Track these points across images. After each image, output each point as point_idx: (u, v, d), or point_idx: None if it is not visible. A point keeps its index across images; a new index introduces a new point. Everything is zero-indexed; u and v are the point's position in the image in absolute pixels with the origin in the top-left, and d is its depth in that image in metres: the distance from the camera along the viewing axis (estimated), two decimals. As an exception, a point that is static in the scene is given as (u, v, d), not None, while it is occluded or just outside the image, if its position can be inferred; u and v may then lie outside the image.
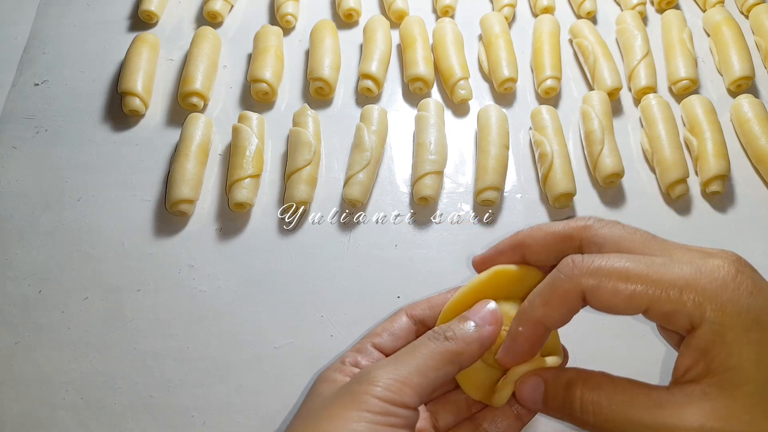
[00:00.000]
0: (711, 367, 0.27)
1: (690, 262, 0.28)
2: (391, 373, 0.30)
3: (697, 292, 0.27)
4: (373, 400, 0.29)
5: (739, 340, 0.27)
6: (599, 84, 0.66)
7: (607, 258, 0.29)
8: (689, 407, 0.27)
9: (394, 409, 0.29)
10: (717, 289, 0.27)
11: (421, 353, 0.31)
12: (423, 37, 0.68)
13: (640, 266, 0.28)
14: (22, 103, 0.66)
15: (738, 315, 0.27)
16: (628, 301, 0.28)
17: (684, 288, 0.27)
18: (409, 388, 0.30)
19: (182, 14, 0.74)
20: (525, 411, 0.36)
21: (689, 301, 0.27)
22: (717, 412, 0.27)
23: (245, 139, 0.59)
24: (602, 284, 0.29)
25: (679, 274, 0.28)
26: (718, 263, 0.28)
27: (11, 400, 0.50)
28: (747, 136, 0.63)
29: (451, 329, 0.33)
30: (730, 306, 0.27)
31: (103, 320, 0.53)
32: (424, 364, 0.31)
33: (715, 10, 0.72)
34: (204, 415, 0.50)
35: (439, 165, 0.59)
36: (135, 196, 0.60)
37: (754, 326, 0.27)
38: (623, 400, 0.29)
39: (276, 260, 0.57)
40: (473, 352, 0.32)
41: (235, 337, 0.53)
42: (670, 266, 0.28)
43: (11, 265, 0.56)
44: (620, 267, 0.29)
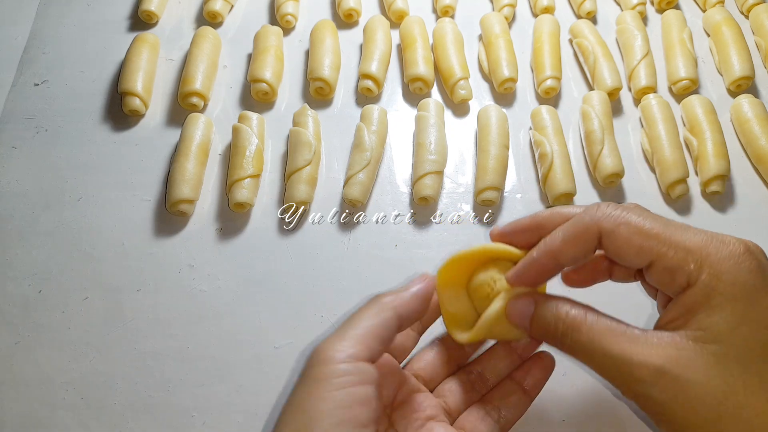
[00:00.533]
0: (689, 322, 0.29)
1: (705, 233, 0.30)
2: (332, 340, 0.33)
3: (702, 257, 0.29)
4: (322, 367, 0.31)
5: (724, 306, 0.28)
6: (599, 84, 0.66)
7: (630, 211, 0.32)
8: (656, 348, 0.29)
9: (344, 366, 0.31)
10: (721, 258, 0.29)
11: (357, 315, 0.34)
12: (423, 37, 0.68)
13: (657, 224, 0.31)
14: (22, 103, 0.66)
15: (731, 284, 0.29)
16: (637, 251, 0.31)
17: (691, 250, 0.30)
18: (348, 341, 0.32)
19: (182, 14, 0.74)
20: (533, 385, 0.39)
21: (692, 261, 0.29)
22: (679, 361, 0.28)
23: (245, 139, 0.59)
24: (619, 230, 0.31)
25: (690, 238, 0.30)
26: (732, 240, 0.30)
27: (11, 400, 0.50)
28: (747, 136, 0.63)
29: (386, 293, 0.35)
30: (727, 275, 0.29)
31: (103, 320, 0.53)
32: (359, 319, 0.33)
33: (715, 10, 0.72)
34: (204, 415, 0.50)
35: (439, 165, 0.59)
36: (135, 196, 0.60)
37: (743, 299, 0.28)
38: (600, 329, 0.31)
39: (276, 260, 0.57)
40: (405, 299, 0.35)
41: (235, 337, 0.53)
42: (684, 231, 0.30)
43: (11, 265, 0.56)
44: (639, 221, 0.31)
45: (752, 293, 0.28)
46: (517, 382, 0.39)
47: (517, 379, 0.39)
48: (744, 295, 0.28)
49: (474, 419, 0.38)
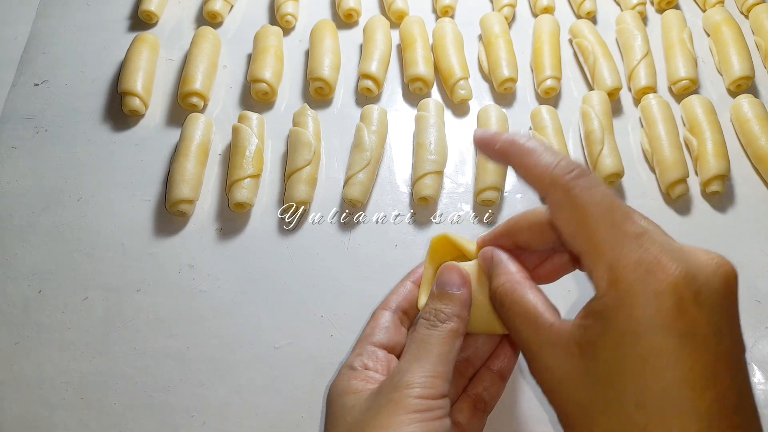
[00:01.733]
0: (587, 333, 0.29)
1: (653, 250, 0.28)
2: (419, 372, 0.33)
3: (617, 277, 0.28)
4: (415, 401, 0.32)
5: (615, 338, 0.28)
6: (599, 84, 0.66)
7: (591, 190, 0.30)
8: (553, 348, 0.30)
9: (434, 402, 0.32)
10: (636, 287, 0.27)
11: (432, 344, 0.34)
12: (423, 37, 0.68)
13: (604, 221, 0.29)
14: (22, 103, 0.66)
15: (630, 319, 0.27)
16: (568, 236, 0.30)
17: (611, 266, 0.28)
18: (439, 380, 0.33)
19: (182, 14, 0.74)
20: (505, 369, 0.41)
21: (604, 277, 0.28)
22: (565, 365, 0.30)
23: (245, 139, 0.59)
24: (563, 206, 0.30)
25: (620, 252, 0.28)
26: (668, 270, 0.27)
27: (11, 400, 0.50)
28: (747, 136, 0.63)
29: (441, 311, 0.36)
30: (631, 309, 0.27)
31: (103, 320, 0.53)
32: (439, 352, 0.34)
33: (715, 10, 0.72)
34: (204, 415, 0.50)
35: (439, 165, 0.59)
36: (135, 196, 0.60)
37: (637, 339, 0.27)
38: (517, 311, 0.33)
39: (276, 260, 0.57)
40: (466, 318, 0.36)
41: (235, 337, 0.53)
42: (624, 240, 0.28)
43: (11, 265, 0.56)
44: (589, 209, 0.29)
45: (646, 333, 0.27)
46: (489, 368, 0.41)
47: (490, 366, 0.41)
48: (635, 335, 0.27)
49: (467, 414, 0.40)
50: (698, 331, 0.27)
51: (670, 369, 0.26)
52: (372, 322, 0.40)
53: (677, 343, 0.27)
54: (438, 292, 0.36)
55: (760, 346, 0.51)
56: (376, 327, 0.39)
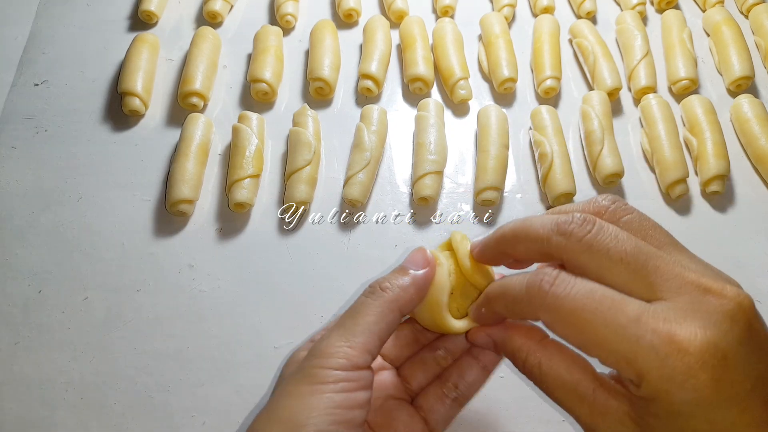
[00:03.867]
0: (636, 400, 0.28)
1: (658, 330, 0.26)
2: (336, 341, 0.31)
3: (641, 371, 0.26)
4: (323, 371, 0.30)
5: (662, 417, 0.27)
6: (599, 84, 0.66)
7: (575, 291, 0.28)
8: (606, 419, 0.28)
9: (346, 374, 0.31)
10: (662, 376, 0.26)
11: (361, 312, 0.33)
12: (423, 37, 0.68)
13: (599, 323, 0.27)
14: (22, 103, 0.66)
15: (670, 403, 0.26)
16: (578, 346, 0.29)
17: (630, 361, 0.27)
18: (356, 350, 0.31)
19: (182, 14, 0.74)
20: (490, 362, 0.38)
21: (632, 372, 0.27)
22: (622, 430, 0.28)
23: (245, 139, 0.59)
24: (555, 324, 0.29)
25: (630, 345, 0.26)
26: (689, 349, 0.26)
27: (11, 400, 0.50)
28: (747, 136, 0.63)
29: (387, 280, 0.34)
30: (666, 395, 0.26)
31: (103, 320, 0.53)
32: (365, 321, 0.32)
33: (715, 10, 0.72)
34: (204, 415, 0.50)
35: (439, 165, 0.59)
36: (135, 196, 0.60)
37: (683, 415, 0.26)
38: (553, 383, 0.30)
39: (276, 260, 0.57)
40: (411, 296, 0.33)
41: (235, 337, 0.53)
42: (629, 328, 0.26)
43: (11, 265, 0.56)
44: (578, 317, 0.28)
45: (693, 412, 0.26)
46: (475, 357, 0.39)
47: (475, 354, 0.39)
48: (683, 413, 0.26)
49: (432, 399, 0.38)
50: (741, 389, 0.26)
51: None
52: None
53: (726, 411, 0.26)
54: (398, 267, 0.35)
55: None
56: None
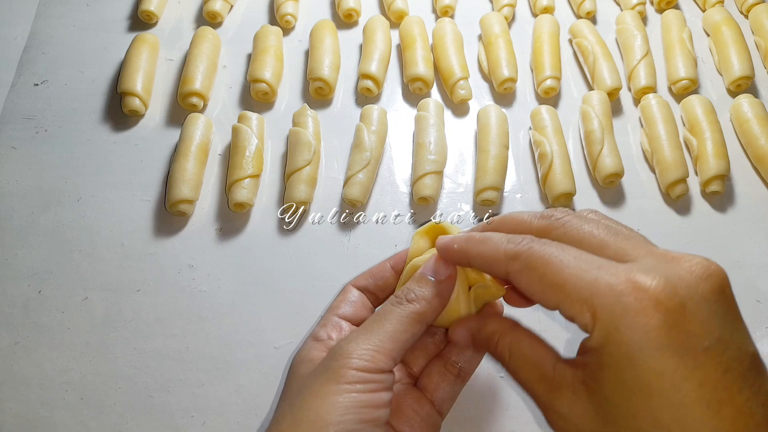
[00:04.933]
0: (589, 366, 0.28)
1: (623, 274, 0.27)
2: (363, 344, 0.32)
3: (596, 309, 0.27)
4: (350, 372, 0.31)
5: (609, 367, 0.27)
6: (599, 84, 0.66)
7: (544, 248, 0.30)
8: (560, 393, 0.29)
9: (371, 376, 0.32)
10: (616, 313, 0.26)
11: (389, 319, 0.34)
12: (423, 37, 0.68)
13: (567, 264, 0.28)
14: (22, 103, 0.66)
15: (619, 345, 0.26)
16: (540, 297, 0.30)
17: (587, 300, 0.27)
18: (382, 354, 0.32)
19: (182, 14, 0.74)
20: None
21: (587, 312, 0.27)
22: (576, 408, 0.29)
23: (245, 139, 0.59)
24: (523, 271, 0.30)
25: (593, 285, 0.27)
26: (648, 288, 0.26)
27: (11, 400, 0.50)
28: (747, 136, 0.63)
29: (412, 291, 0.35)
30: (616, 334, 0.26)
31: (103, 320, 0.53)
32: (392, 329, 0.33)
33: (715, 10, 0.72)
34: (204, 415, 0.50)
35: (439, 165, 0.59)
36: (135, 196, 0.60)
37: (629, 363, 0.26)
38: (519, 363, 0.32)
39: (276, 260, 0.57)
40: (435, 307, 0.35)
41: (235, 337, 0.53)
42: (598, 269, 0.28)
43: (11, 265, 0.56)
44: (549, 262, 0.29)
45: (641, 357, 0.25)
46: None
47: None
48: (631, 357, 0.26)
49: (436, 378, 0.39)
50: (696, 343, 0.25)
51: (677, 390, 0.25)
52: (340, 295, 0.40)
53: (677, 361, 0.25)
54: (420, 276, 0.35)
55: (760, 345, 0.51)
56: (344, 301, 0.39)
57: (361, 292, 0.40)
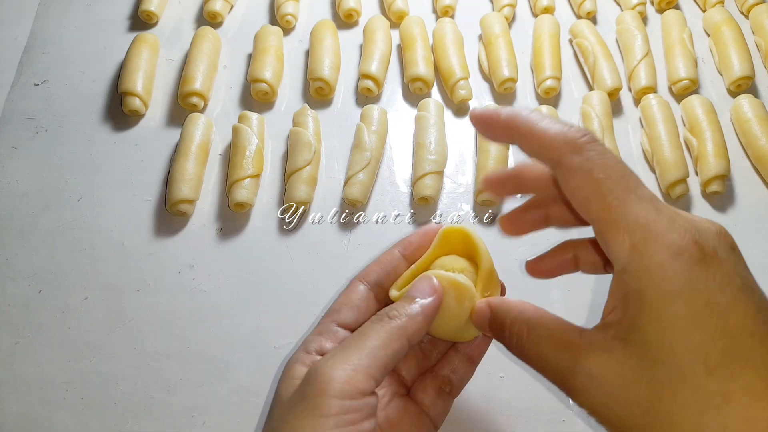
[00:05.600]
0: (622, 318, 0.27)
1: (661, 211, 0.27)
2: (339, 365, 0.30)
3: (637, 239, 0.27)
4: (329, 401, 0.29)
5: (653, 305, 0.26)
6: (599, 84, 0.66)
7: (606, 155, 0.29)
8: (588, 354, 0.28)
9: (351, 403, 0.29)
10: (658, 246, 0.26)
11: (368, 336, 0.32)
12: (423, 37, 0.68)
13: (619, 185, 0.28)
14: (22, 103, 0.66)
15: (661, 280, 0.26)
16: (582, 204, 0.29)
17: (629, 227, 0.27)
18: (361, 374, 0.30)
19: (182, 14, 0.74)
20: (474, 352, 0.38)
21: (628, 240, 0.27)
22: (608, 366, 0.27)
23: (245, 139, 0.59)
24: (578, 173, 0.28)
25: (635, 212, 0.27)
26: (682, 226, 0.27)
27: (11, 400, 0.50)
28: (747, 136, 0.63)
29: (395, 308, 0.33)
30: (659, 268, 0.26)
31: (103, 320, 0.53)
32: (371, 346, 0.31)
33: (715, 10, 0.72)
34: (204, 415, 0.50)
35: (439, 165, 0.59)
36: (135, 196, 0.60)
37: (674, 298, 0.26)
38: (539, 336, 0.30)
39: (276, 260, 0.57)
40: (419, 324, 0.33)
41: (235, 337, 0.53)
42: (637, 202, 0.27)
43: (11, 265, 0.56)
44: (609, 170, 0.28)
45: (685, 292, 0.26)
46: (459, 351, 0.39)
47: (458, 348, 0.39)
48: (675, 293, 0.26)
49: (432, 395, 0.37)
50: (732, 282, 0.26)
51: (723, 321, 0.25)
52: (344, 295, 0.37)
53: (719, 294, 0.25)
54: (405, 296, 0.34)
55: (760, 346, 0.51)
56: (346, 303, 0.37)
57: (369, 289, 0.38)
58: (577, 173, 0.28)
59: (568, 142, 0.29)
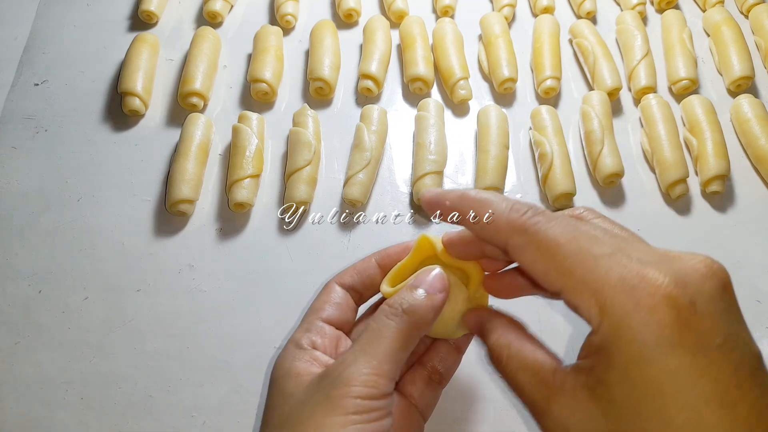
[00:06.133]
0: (593, 368, 0.27)
1: (629, 266, 0.26)
2: (363, 368, 0.31)
3: (605, 303, 0.26)
4: (354, 401, 0.30)
5: (621, 366, 0.25)
6: (599, 84, 0.66)
7: (552, 225, 0.28)
8: (560, 398, 0.28)
9: (375, 403, 0.30)
10: (627, 310, 0.25)
11: (385, 336, 0.32)
12: (423, 37, 0.68)
13: (574, 250, 0.27)
14: (22, 103, 0.66)
15: (630, 343, 0.25)
16: (542, 277, 0.28)
17: (596, 291, 0.26)
18: (383, 378, 0.31)
19: (182, 14, 0.74)
20: (462, 342, 0.39)
21: (596, 305, 0.26)
22: (577, 417, 0.27)
23: (245, 139, 0.59)
24: (526, 247, 0.29)
25: (602, 276, 0.26)
26: (656, 282, 0.25)
27: (11, 400, 0.50)
28: (747, 136, 0.63)
29: (406, 301, 0.33)
30: (627, 332, 0.25)
31: (103, 320, 0.53)
32: (391, 348, 0.32)
33: (715, 10, 0.72)
34: (204, 415, 0.50)
35: (439, 165, 0.59)
36: (135, 196, 0.60)
37: (641, 361, 0.25)
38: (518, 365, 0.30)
39: (276, 260, 0.57)
40: (429, 321, 0.33)
41: (235, 337, 0.53)
42: (604, 260, 0.26)
43: (11, 265, 0.56)
44: (553, 239, 0.28)
45: (654, 357, 0.24)
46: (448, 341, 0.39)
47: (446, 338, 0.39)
48: (643, 359, 0.25)
49: (421, 386, 0.38)
50: (708, 341, 0.25)
51: (691, 389, 0.24)
52: (323, 295, 0.38)
53: (690, 360, 0.24)
54: (412, 286, 0.34)
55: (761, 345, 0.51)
56: (327, 301, 0.38)
57: (346, 291, 0.39)
58: (527, 251, 0.29)
59: (510, 224, 0.29)
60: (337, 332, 0.37)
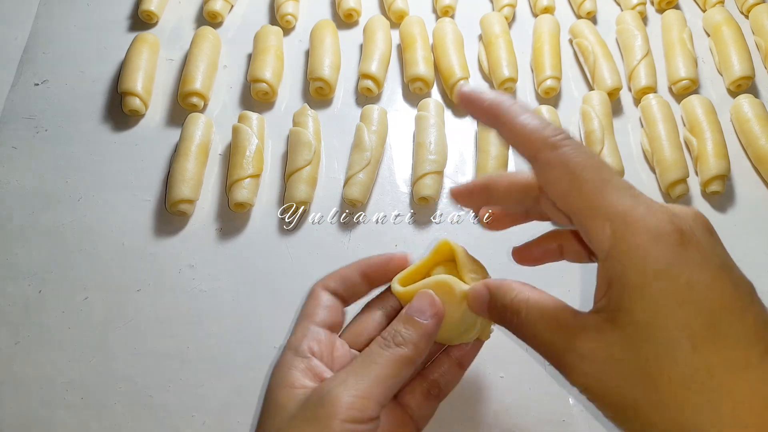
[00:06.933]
0: (610, 301, 0.28)
1: (637, 199, 0.28)
2: (351, 390, 0.31)
3: (617, 225, 0.28)
4: (339, 425, 0.30)
5: (637, 287, 0.27)
6: (599, 84, 0.66)
7: (581, 150, 0.29)
8: (582, 335, 0.29)
9: (360, 427, 0.31)
10: (637, 229, 0.27)
11: (377, 363, 0.33)
12: (423, 37, 0.68)
13: (590, 175, 0.29)
14: (22, 103, 0.66)
15: (644, 261, 0.27)
16: (561, 197, 0.30)
17: (609, 215, 0.28)
18: (371, 401, 0.31)
19: (182, 14, 0.74)
20: (464, 357, 0.40)
21: (608, 228, 0.28)
22: (599, 346, 0.28)
23: (245, 139, 0.59)
24: (556, 168, 0.29)
25: (615, 201, 0.28)
26: (659, 212, 0.28)
27: (11, 400, 0.50)
28: (747, 136, 0.63)
29: (399, 334, 0.34)
30: (640, 251, 0.27)
31: (103, 320, 0.53)
32: (382, 374, 0.32)
33: (715, 10, 0.72)
34: (204, 415, 0.50)
35: (439, 165, 0.59)
36: (135, 196, 0.60)
37: (656, 279, 0.27)
38: (535, 316, 0.31)
39: (276, 260, 0.57)
40: (423, 349, 0.34)
41: (235, 337, 0.53)
42: (616, 191, 0.28)
43: (11, 265, 0.56)
44: (576, 165, 0.29)
45: (666, 272, 0.27)
46: (449, 355, 0.40)
47: (449, 353, 0.40)
48: (657, 274, 0.27)
49: (419, 398, 0.38)
50: (710, 261, 0.27)
51: (707, 299, 0.26)
52: (311, 300, 0.39)
53: (698, 274, 0.26)
54: (405, 316, 0.35)
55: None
56: (318, 306, 0.38)
57: (332, 295, 0.39)
58: (554, 167, 0.29)
59: (544, 139, 0.30)
60: (332, 336, 0.38)
